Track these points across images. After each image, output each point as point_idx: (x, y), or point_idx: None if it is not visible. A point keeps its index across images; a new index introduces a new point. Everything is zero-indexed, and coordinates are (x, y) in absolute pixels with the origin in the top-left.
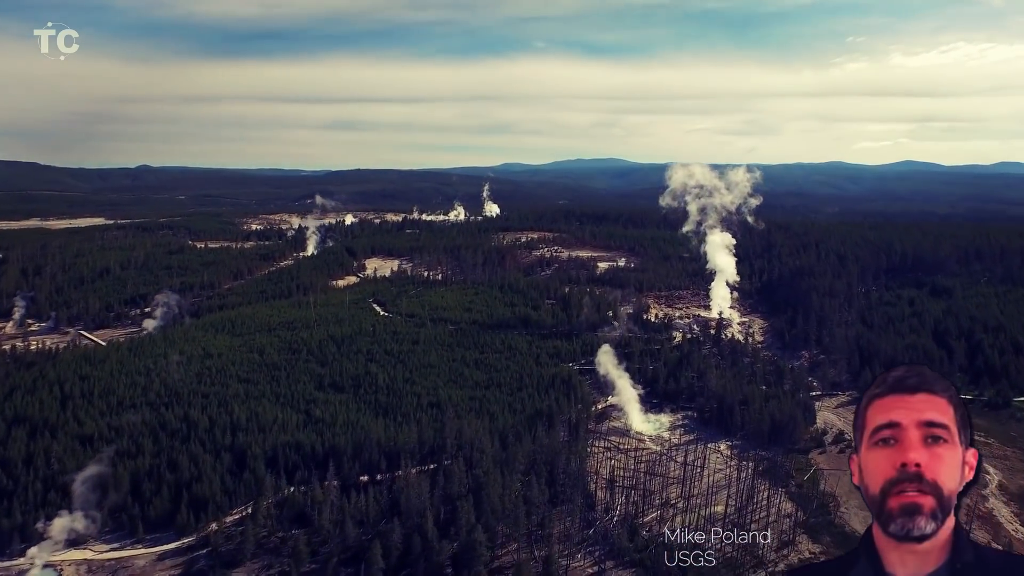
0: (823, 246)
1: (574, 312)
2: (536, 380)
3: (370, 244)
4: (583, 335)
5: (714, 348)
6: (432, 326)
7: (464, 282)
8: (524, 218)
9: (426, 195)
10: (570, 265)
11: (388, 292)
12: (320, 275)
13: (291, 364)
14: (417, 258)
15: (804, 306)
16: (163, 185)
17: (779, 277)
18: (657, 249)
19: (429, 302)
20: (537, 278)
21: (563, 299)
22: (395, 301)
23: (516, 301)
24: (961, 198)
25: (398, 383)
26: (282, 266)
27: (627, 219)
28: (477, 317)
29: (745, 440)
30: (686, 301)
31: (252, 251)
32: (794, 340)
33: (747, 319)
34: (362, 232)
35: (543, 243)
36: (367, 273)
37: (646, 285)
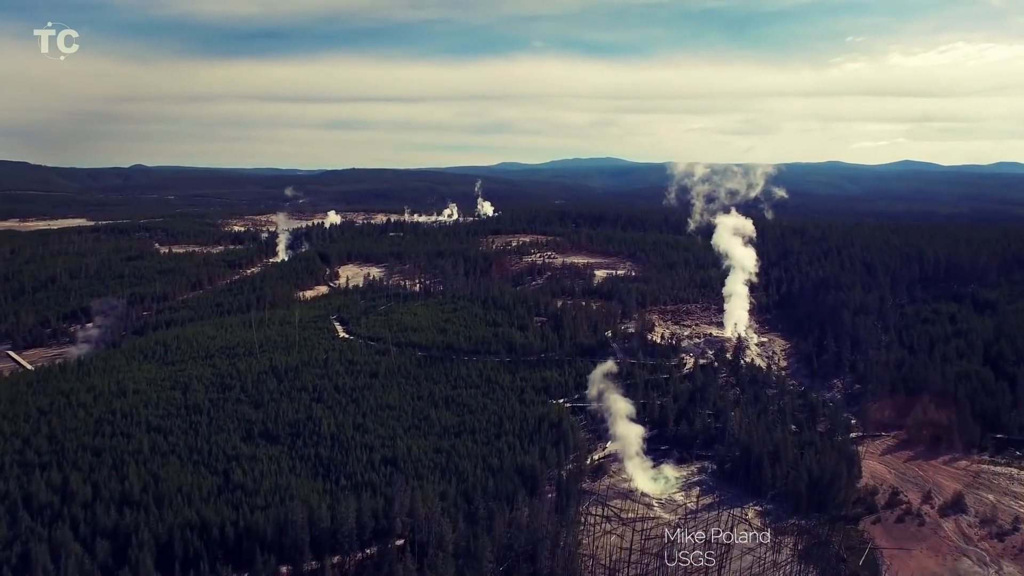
0: (846, 253)
1: (567, 332)
2: (519, 424)
3: (347, 249)
4: (577, 362)
5: (732, 377)
6: (397, 353)
7: (443, 295)
8: (517, 220)
9: (421, 195)
10: (564, 273)
11: (355, 307)
12: (286, 285)
13: (218, 406)
14: (397, 265)
15: (832, 324)
16: (155, 185)
17: (800, 289)
18: (660, 255)
19: (399, 320)
20: (526, 289)
21: (555, 316)
22: (360, 319)
23: (500, 319)
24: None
25: (346, 431)
26: (248, 274)
27: (626, 221)
28: (452, 340)
29: (777, 503)
30: (695, 317)
31: (218, 257)
32: (823, 366)
33: (766, 339)
34: (341, 235)
35: (535, 247)
36: (339, 283)
37: (649, 298)
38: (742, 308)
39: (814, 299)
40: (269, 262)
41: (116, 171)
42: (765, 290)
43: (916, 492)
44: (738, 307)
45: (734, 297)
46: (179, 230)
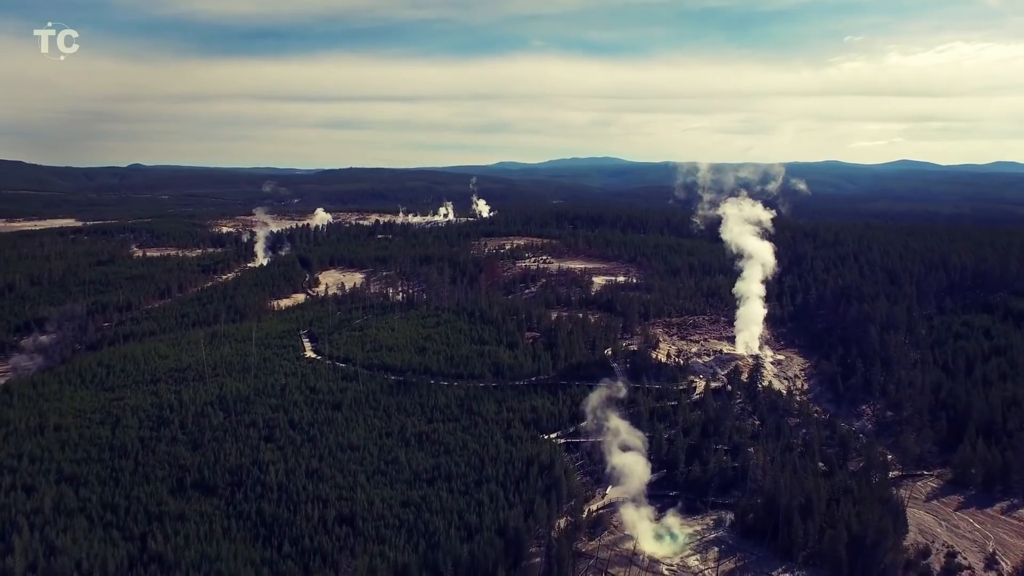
0: (864, 258)
1: (562, 351)
2: (504, 467)
3: (330, 253)
4: (573, 387)
5: (748, 403)
6: (367, 377)
7: (427, 305)
8: (511, 221)
9: (417, 194)
10: (560, 280)
11: (329, 320)
12: (260, 294)
13: (149, 446)
14: (382, 270)
15: (857, 341)
16: (150, 185)
17: (818, 300)
18: (662, 259)
19: (373, 337)
20: (518, 299)
21: (548, 331)
22: (332, 335)
23: (487, 335)
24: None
25: (297, 479)
26: (223, 281)
27: (626, 222)
28: (431, 361)
29: (812, 568)
30: (703, 331)
31: (194, 262)
32: (851, 390)
33: (783, 356)
34: (327, 238)
35: (530, 251)
36: (318, 290)
37: (652, 309)
38: (757, 320)
39: (834, 311)
40: (247, 267)
41: (112, 170)
42: (778, 300)
43: (976, 552)
44: (752, 318)
45: (748, 304)
46: (165, 231)
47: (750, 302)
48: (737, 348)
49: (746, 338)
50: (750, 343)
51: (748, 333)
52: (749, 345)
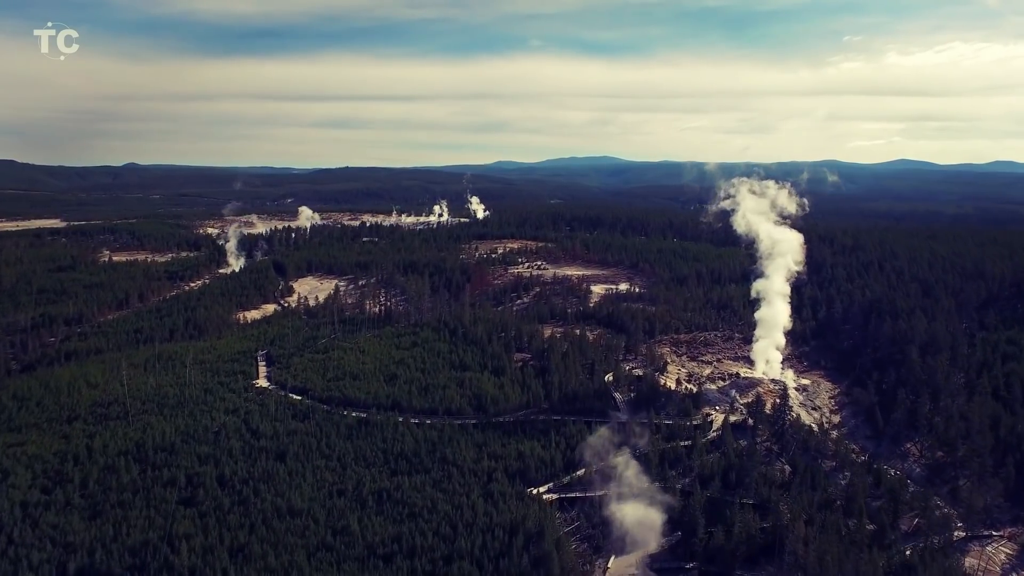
0: (890, 266)
1: (555, 377)
2: (482, 536)
3: (308, 258)
4: (568, 424)
5: (774, 442)
6: (324, 415)
7: (406, 320)
8: (505, 223)
9: (413, 194)
10: (555, 289)
11: (294, 338)
12: (226, 305)
13: (34, 515)
14: (363, 277)
15: (893, 363)
16: (143, 184)
17: (844, 314)
18: (667, 266)
19: (338, 362)
20: (508, 312)
21: (540, 353)
22: (293, 357)
23: (469, 359)
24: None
25: (218, 559)
26: (189, 288)
27: (626, 224)
28: (402, 394)
29: None
30: (716, 350)
31: (162, 268)
32: (892, 423)
33: (808, 381)
34: (309, 241)
35: (524, 256)
36: (291, 300)
37: (658, 324)
38: (779, 334)
39: (863, 327)
40: (218, 273)
41: (106, 170)
42: (798, 313)
43: None
44: (774, 331)
45: (769, 312)
46: (146, 233)
47: (771, 308)
48: (756, 370)
49: (766, 358)
50: (771, 364)
51: (769, 352)
52: (770, 367)
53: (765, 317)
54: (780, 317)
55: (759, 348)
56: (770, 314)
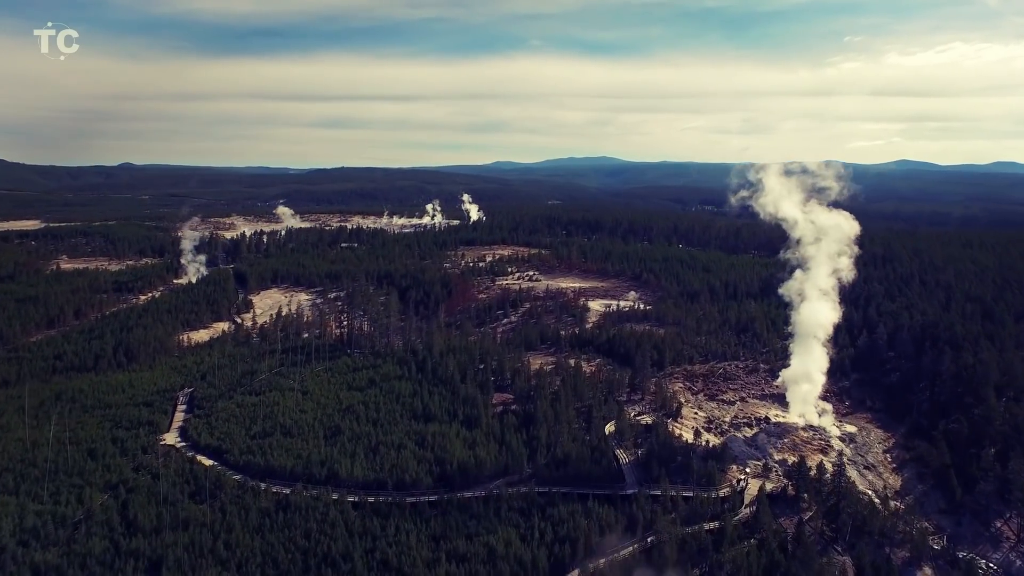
0: (933, 278)
1: (542, 429)
2: None
3: (275, 268)
4: (557, 500)
5: (826, 522)
6: (232, 493)
7: (370, 346)
8: (496, 227)
9: (407, 194)
10: (547, 306)
11: (230, 372)
12: (170, 323)
13: None
14: (333, 289)
15: (961, 406)
16: (135, 184)
17: (889, 340)
18: (675, 277)
19: (272, 407)
20: (491, 333)
21: (525, 395)
22: (220, 401)
23: (436, 404)
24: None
25: None
26: (136, 303)
27: (627, 228)
28: (342, 460)
29: None
30: (739, 385)
31: (111, 278)
32: (974, 493)
33: (853, 428)
34: (283, 246)
35: (515, 265)
36: (247, 318)
37: (668, 352)
38: (817, 358)
39: (915, 358)
40: (174, 284)
41: (98, 170)
42: (833, 339)
43: None
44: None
45: (807, 320)
46: (120, 236)
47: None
48: (791, 414)
49: (803, 396)
50: (807, 406)
51: (804, 388)
52: (807, 408)
53: (804, 324)
54: (821, 325)
55: (793, 376)
56: (810, 320)
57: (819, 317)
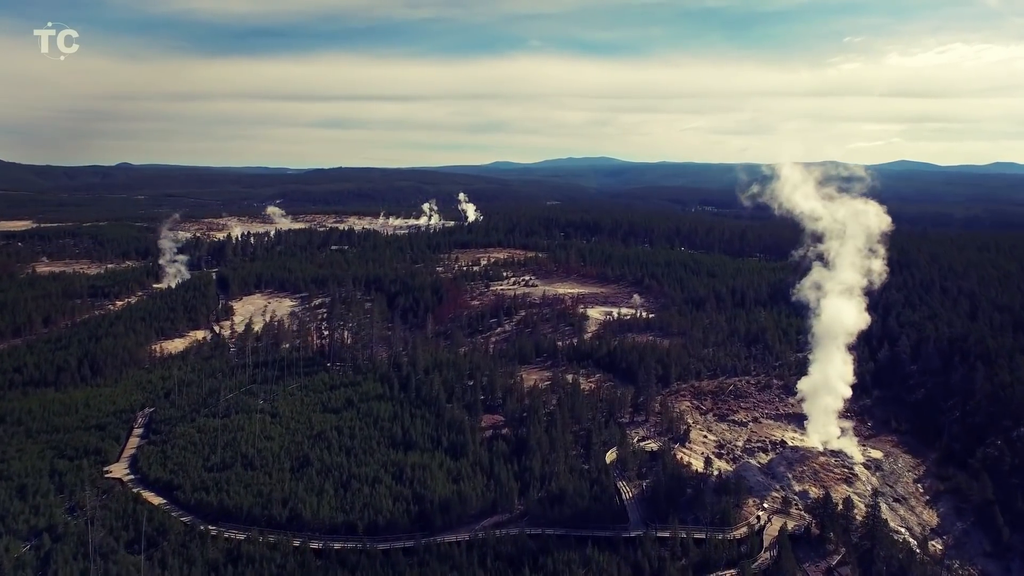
0: (955, 284)
1: (534, 459)
2: None
3: (259, 272)
4: (552, 549)
5: (854, 564)
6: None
7: (351, 359)
8: (493, 229)
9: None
10: (543, 314)
11: (197, 389)
12: (144, 332)
13: None
14: (319, 295)
15: (999, 429)
16: (131, 184)
17: (913, 354)
18: (679, 282)
19: (236, 432)
20: (483, 344)
21: (517, 418)
22: (181, 424)
23: (417, 429)
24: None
25: None
26: (113, 308)
27: (627, 230)
28: (307, 497)
29: None
30: (751, 404)
31: (90, 282)
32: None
33: (879, 453)
34: (271, 249)
35: (510, 269)
36: (226, 325)
37: (674, 367)
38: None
39: (942, 374)
40: (153, 289)
41: (95, 170)
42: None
43: None
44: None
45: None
46: (109, 237)
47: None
48: (809, 436)
49: (823, 413)
50: (828, 425)
51: (825, 402)
52: (828, 427)
53: (825, 326)
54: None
55: (812, 387)
56: (832, 321)
57: (843, 318)
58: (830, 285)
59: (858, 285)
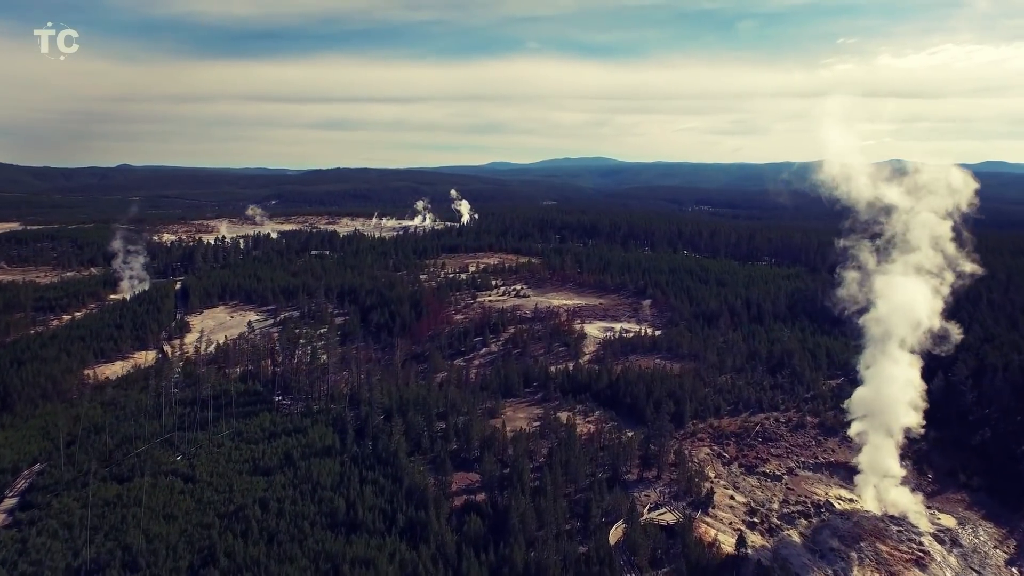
0: (1004, 298)
1: (518, 547)
2: None
3: (225, 281)
4: None
5: None
6: None
7: (309, 389)
8: (485, 231)
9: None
10: (535, 331)
11: (108, 435)
12: (81, 353)
13: None
14: (289, 307)
15: None
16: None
17: (975, 382)
18: (686, 292)
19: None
20: (464, 370)
21: (497, 482)
22: (66, 494)
23: (369, 501)
24: None
25: None
26: (57, 324)
27: (627, 233)
28: None
29: None
30: (782, 448)
31: (39, 293)
32: None
33: (951, 520)
34: (247, 255)
35: (501, 276)
36: (178, 344)
37: (688, 400)
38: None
39: (1014, 411)
40: (110, 300)
41: (93, 171)
42: None
43: None
44: (893, 396)
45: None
46: (89, 240)
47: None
48: (864, 499)
49: (877, 464)
50: (887, 484)
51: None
52: (886, 486)
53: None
54: (912, 320)
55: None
56: (896, 310)
57: (910, 304)
58: (893, 265)
59: (933, 267)
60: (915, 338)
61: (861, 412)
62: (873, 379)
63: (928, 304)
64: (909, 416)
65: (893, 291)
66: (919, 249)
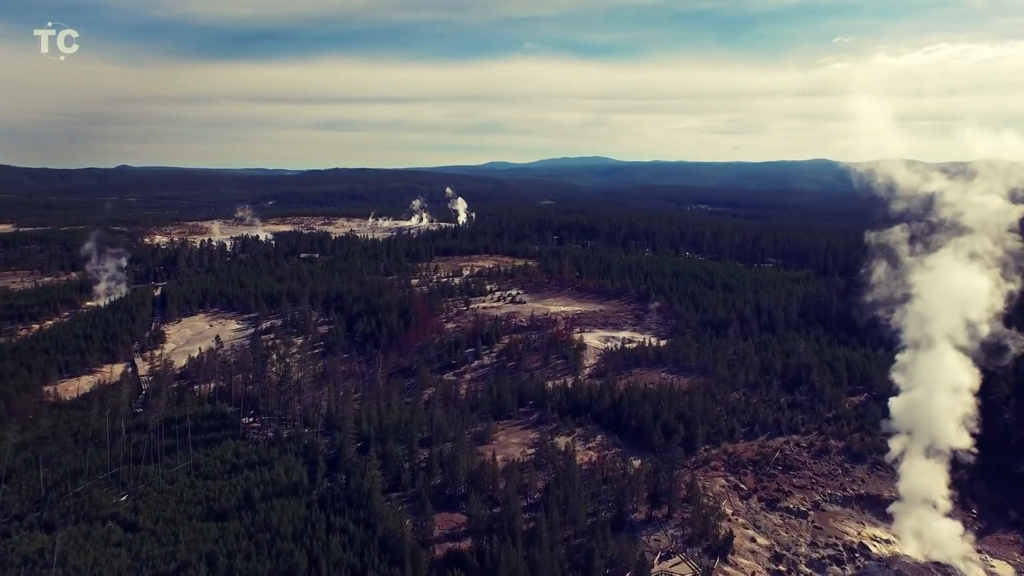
0: None
1: None
2: None
3: (206, 287)
4: None
5: None
6: None
7: (280, 411)
8: (481, 232)
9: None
10: (532, 341)
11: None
12: (44, 367)
13: None
14: (273, 314)
15: None
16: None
17: (1014, 403)
18: (691, 298)
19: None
20: (455, 384)
21: (485, 526)
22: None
23: (333, 554)
24: None
25: None
26: (25, 334)
27: (627, 233)
28: None
29: None
30: (806, 479)
31: (9, 300)
32: None
33: (1008, 569)
34: (233, 258)
35: (496, 280)
36: (148, 358)
37: (700, 423)
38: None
39: None
40: (85, 307)
41: (91, 172)
42: None
43: None
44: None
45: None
46: (79, 243)
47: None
48: (903, 540)
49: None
50: (926, 524)
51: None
52: (926, 527)
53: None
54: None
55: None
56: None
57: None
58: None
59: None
60: (966, 337)
61: (902, 427)
62: (915, 387)
63: (984, 296)
64: (960, 435)
65: (940, 277)
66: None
